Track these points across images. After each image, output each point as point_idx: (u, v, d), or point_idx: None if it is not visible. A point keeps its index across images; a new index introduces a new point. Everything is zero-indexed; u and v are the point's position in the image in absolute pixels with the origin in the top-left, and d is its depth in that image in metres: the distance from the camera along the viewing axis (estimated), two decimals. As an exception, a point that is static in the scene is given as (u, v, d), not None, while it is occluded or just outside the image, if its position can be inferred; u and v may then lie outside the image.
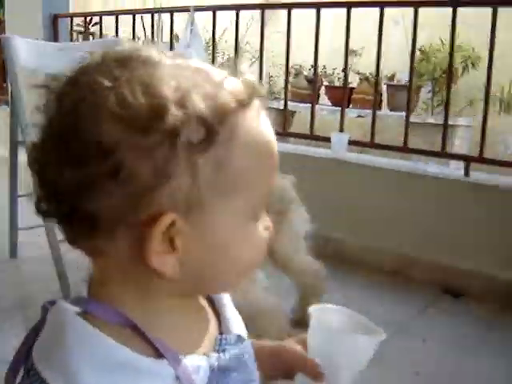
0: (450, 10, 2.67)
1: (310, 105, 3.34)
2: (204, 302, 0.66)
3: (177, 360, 0.56)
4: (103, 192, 0.51)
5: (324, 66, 4.87)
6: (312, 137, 3.33)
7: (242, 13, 3.62)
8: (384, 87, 4.56)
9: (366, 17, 2.99)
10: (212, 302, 0.67)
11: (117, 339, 0.54)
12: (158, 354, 0.55)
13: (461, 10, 2.73)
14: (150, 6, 5.95)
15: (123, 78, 0.52)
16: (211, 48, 3.61)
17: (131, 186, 0.51)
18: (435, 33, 4.21)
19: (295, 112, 4.83)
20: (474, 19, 3.58)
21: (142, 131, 0.50)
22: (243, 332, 0.68)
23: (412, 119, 4.31)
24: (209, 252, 0.57)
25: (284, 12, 3.24)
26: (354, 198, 2.95)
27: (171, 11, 3.74)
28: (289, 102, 3.52)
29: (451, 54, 2.79)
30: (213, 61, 3.59)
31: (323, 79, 4.96)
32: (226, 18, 3.59)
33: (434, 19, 3.04)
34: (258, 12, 3.46)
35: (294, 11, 3.25)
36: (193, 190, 0.52)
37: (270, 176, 0.59)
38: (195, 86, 0.53)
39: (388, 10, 3.05)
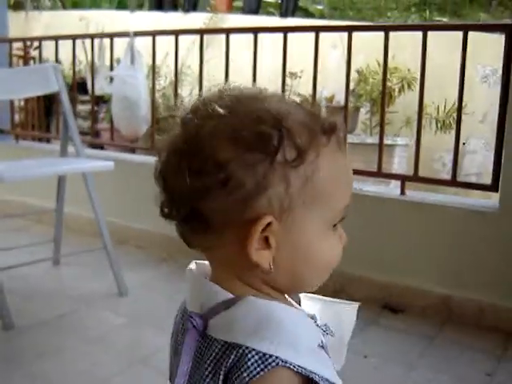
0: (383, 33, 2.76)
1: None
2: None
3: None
4: (216, 197, 0.64)
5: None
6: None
7: (184, 37, 3.65)
8: (323, 109, 4.66)
9: (305, 40, 3.05)
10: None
11: None
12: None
13: (397, 34, 2.81)
14: (91, 31, 5.91)
15: (235, 109, 0.66)
16: (152, 72, 3.62)
17: (238, 194, 0.63)
18: (372, 55, 4.34)
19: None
20: (409, 42, 3.72)
21: (248, 151, 0.63)
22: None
23: (351, 140, 4.41)
24: (296, 251, 0.68)
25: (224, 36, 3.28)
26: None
27: (111, 36, 3.73)
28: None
29: (384, 76, 2.87)
30: (153, 84, 3.61)
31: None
32: (168, 43, 3.61)
33: (371, 43, 3.12)
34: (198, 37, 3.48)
35: (235, 36, 3.30)
36: (285, 198, 0.65)
37: (346, 193, 0.71)
38: (291, 114, 0.66)
39: (327, 35, 3.12)
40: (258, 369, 0.62)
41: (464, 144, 4.57)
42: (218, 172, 0.63)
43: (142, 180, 2.61)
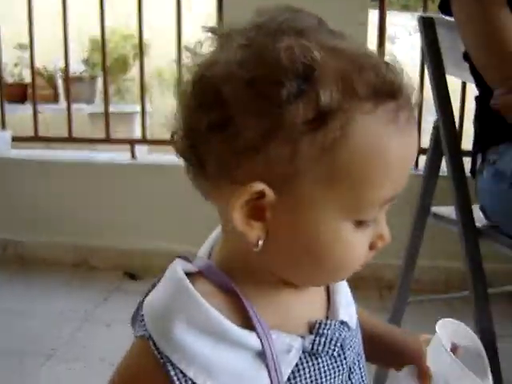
0: None
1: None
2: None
3: (267, 335, 0.57)
4: (212, 141, 0.54)
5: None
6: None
7: None
8: (59, 80, 4.46)
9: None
10: (327, 287, 0.68)
11: (215, 304, 0.57)
12: (249, 325, 0.57)
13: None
14: None
15: (254, 41, 0.54)
16: None
17: (233, 144, 0.53)
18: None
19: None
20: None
21: (258, 96, 0.52)
22: (352, 320, 0.67)
23: (91, 110, 4.29)
24: (297, 237, 0.56)
25: None
26: (30, 195, 2.84)
27: None
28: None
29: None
30: None
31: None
32: None
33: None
34: None
35: None
36: (289, 168, 0.52)
37: (381, 186, 0.55)
38: (334, 59, 0.52)
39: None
40: (136, 330, 0.61)
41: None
42: (218, 110, 0.53)
43: None
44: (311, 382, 0.60)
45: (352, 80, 0.51)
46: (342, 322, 0.64)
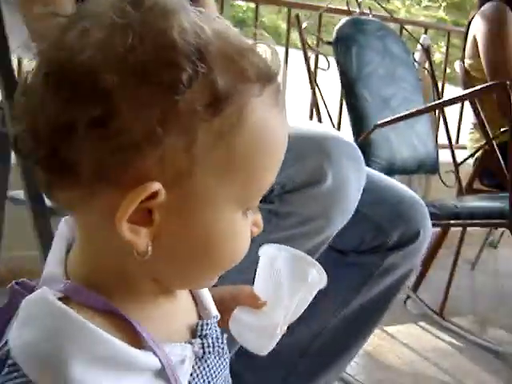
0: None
1: None
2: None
3: (161, 351, 0.50)
4: (88, 140, 0.45)
5: None
6: None
7: None
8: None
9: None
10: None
11: (102, 328, 0.48)
12: (142, 345, 0.50)
13: None
14: None
15: (136, 20, 0.46)
16: None
17: (119, 141, 0.45)
18: None
19: None
20: None
21: (146, 83, 0.45)
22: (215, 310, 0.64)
23: None
24: (189, 234, 0.50)
25: None
26: None
27: None
28: None
29: None
30: None
31: None
32: None
33: None
34: None
35: None
36: (185, 160, 0.47)
37: (270, 169, 0.53)
38: (219, 44, 0.48)
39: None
40: None
41: None
42: (96, 103, 0.45)
43: None
44: None
45: (241, 63, 0.48)
46: (215, 317, 0.62)
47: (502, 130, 2.05)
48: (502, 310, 2.31)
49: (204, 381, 0.56)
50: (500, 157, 1.97)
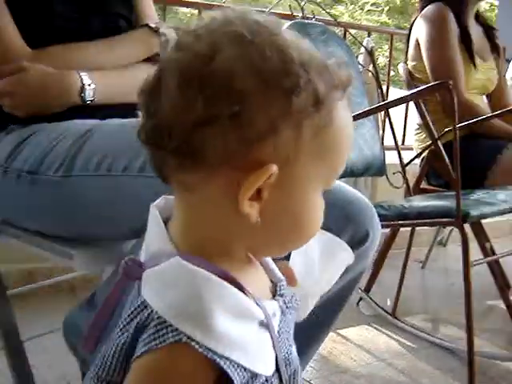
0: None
1: None
2: None
3: (263, 307, 0.61)
4: (220, 131, 0.56)
5: None
6: None
7: None
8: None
9: None
10: None
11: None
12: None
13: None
14: None
15: (261, 36, 0.57)
16: None
17: (246, 131, 0.56)
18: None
19: None
20: None
21: (270, 87, 0.56)
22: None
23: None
24: (286, 209, 0.61)
25: None
26: None
27: None
28: None
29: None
30: None
31: None
32: None
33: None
34: None
35: None
36: (293, 147, 0.58)
37: (345, 154, 0.64)
38: (313, 59, 0.59)
39: None
40: (155, 342, 0.55)
41: None
42: (232, 103, 0.56)
43: None
44: (286, 338, 0.66)
45: (329, 72, 0.60)
46: (283, 280, 0.70)
47: (446, 129, 2.08)
48: (453, 307, 2.34)
49: (284, 332, 0.66)
50: (446, 156, 2.00)
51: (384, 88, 2.75)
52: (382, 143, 2.29)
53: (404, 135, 3.32)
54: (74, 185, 1.14)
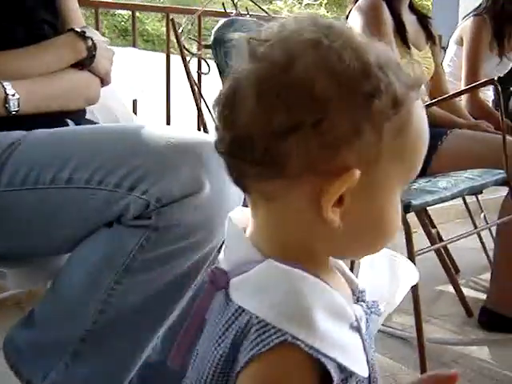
0: None
1: None
2: None
3: (354, 309, 0.61)
4: (303, 138, 0.55)
5: None
6: None
7: None
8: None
9: None
10: None
11: None
12: None
13: None
14: None
15: (337, 41, 0.56)
16: None
17: (329, 137, 0.55)
18: None
19: None
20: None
21: (352, 92, 0.55)
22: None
23: None
24: (367, 212, 0.60)
25: None
26: None
27: None
28: None
29: None
30: None
31: None
32: None
33: None
34: None
35: None
36: (374, 151, 0.57)
37: (423, 153, 0.62)
38: (389, 58, 0.59)
39: None
40: (258, 347, 0.54)
41: None
42: (314, 110, 0.55)
43: None
44: (369, 344, 0.64)
45: (404, 72, 0.60)
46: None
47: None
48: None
49: (368, 337, 0.64)
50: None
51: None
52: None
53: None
54: (1, 200, 1.09)
